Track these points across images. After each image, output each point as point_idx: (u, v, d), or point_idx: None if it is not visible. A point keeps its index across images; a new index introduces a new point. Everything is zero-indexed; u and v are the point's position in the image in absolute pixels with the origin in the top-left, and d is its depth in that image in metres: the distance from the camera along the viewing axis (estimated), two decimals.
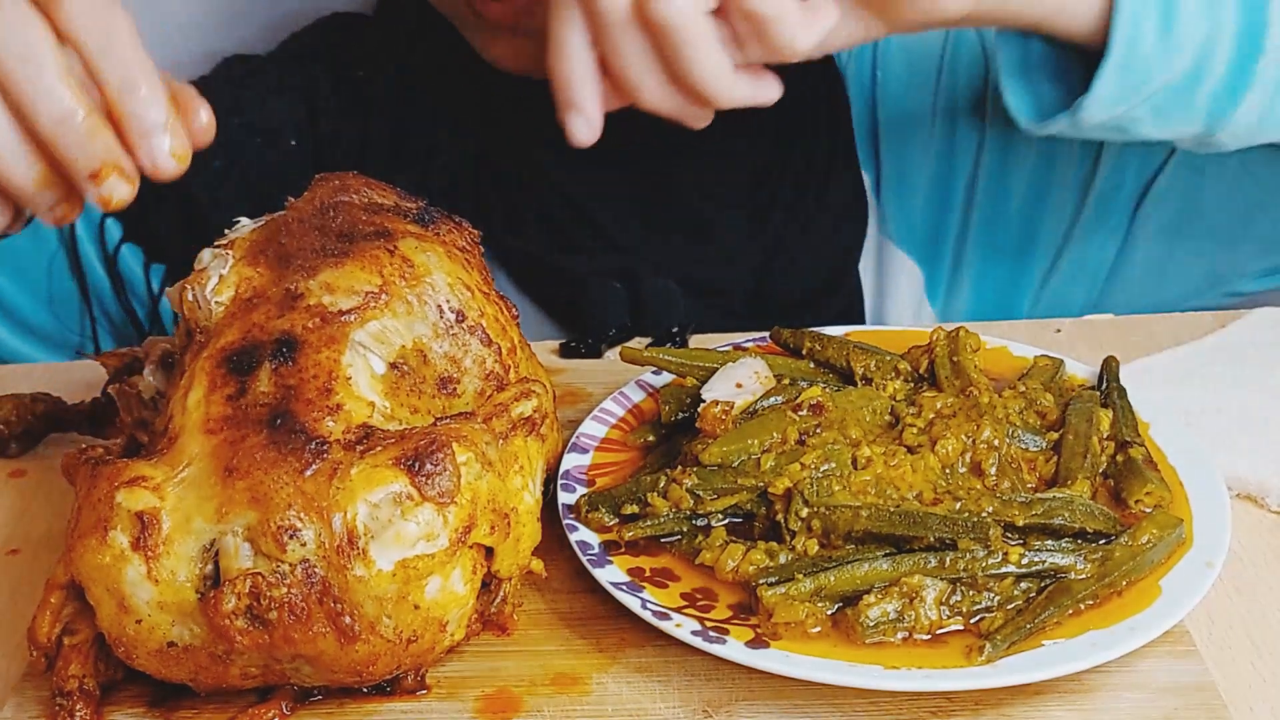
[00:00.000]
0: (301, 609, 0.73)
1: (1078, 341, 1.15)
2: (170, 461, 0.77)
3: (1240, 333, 1.13)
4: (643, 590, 0.83)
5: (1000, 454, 0.88)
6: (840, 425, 0.90)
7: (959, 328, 0.98)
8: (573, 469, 0.94)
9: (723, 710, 0.78)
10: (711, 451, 0.88)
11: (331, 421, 0.77)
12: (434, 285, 0.86)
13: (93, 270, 1.30)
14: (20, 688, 0.82)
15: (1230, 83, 1.02)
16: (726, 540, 0.85)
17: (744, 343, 1.06)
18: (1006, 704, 0.78)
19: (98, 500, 0.75)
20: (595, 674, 0.81)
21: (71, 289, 1.30)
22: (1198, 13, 0.99)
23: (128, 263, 1.30)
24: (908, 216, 1.31)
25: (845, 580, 0.81)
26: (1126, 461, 0.90)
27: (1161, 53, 0.99)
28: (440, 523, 0.75)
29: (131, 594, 0.74)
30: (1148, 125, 1.05)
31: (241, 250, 0.87)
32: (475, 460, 0.77)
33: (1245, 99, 1.03)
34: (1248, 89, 1.02)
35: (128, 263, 1.30)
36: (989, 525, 0.81)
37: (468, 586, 0.77)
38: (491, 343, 0.87)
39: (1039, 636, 0.78)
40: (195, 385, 0.79)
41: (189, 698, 0.79)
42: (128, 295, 1.31)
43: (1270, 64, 1.01)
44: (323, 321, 0.81)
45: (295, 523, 0.73)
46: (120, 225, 1.29)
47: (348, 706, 0.80)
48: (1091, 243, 1.28)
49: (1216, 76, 1.02)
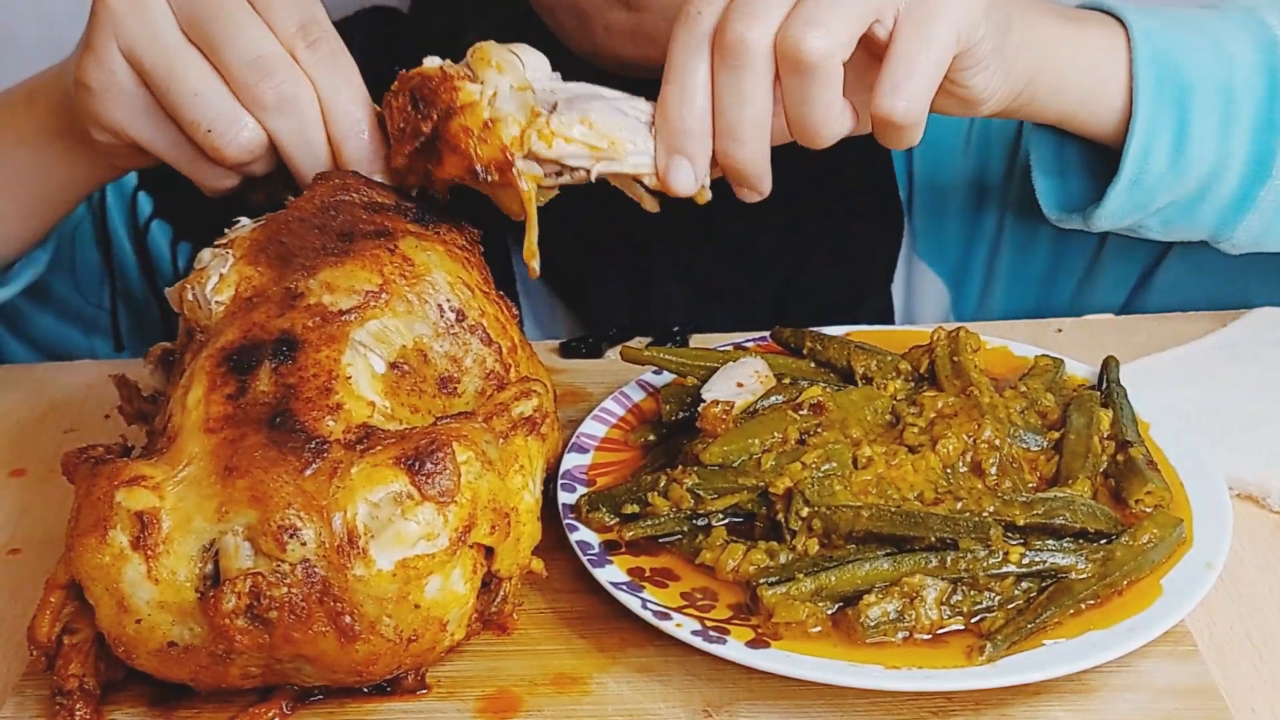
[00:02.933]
0: (301, 608, 0.73)
1: (1078, 341, 1.15)
2: (170, 461, 0.77)
3: (1240, 333, 1.13)
4: (643, 590, 0.83)
5: (1001, 454, 0.88)
6: (841, 425, 0.90)
7: (959, 327, 0.98)
8: (573, 469, 0.94)
9: (723, 710, 0.78)
10: (712, 451, 0.88)
11: (331, 421, 0.77)
12: (434, 284, 0.86)
13: (119, 243, 1.30)
14: (20, 687, 0.82)
15: (1235, 204, 1.07)
16: (727, 540, 0.85)
17: (744, 342, 1.06)
18: (1007, 704, 0.78)
19: (97, 499, 0.75)
20: (596, 674, 0.81)
21: (95, 259, 1.30)
22: (1210, 137, 1.03)
23: (155, 239, 1.31)
24: (939, 237, 1.31)
25: (846, 580, 0.81)
26: (1127, 461, 0.90)
27: (1171, 174, 1.04)
28: (440, 522, 0.75)
29: (131, 593, 0.74)
30: (1155, 232, 1.10)
31: (242, 249, 0.86)
32: (475, 460, 0.77)
33: (1247, 219, 1.07)
34: (1250, 211, 1.07)
35: (155, 239, 1.31)
36: (990, 525, 0.81)
37: (468, 586, 0.77)
38: (492, 342, 0.87)
39: (1039, 636, 0.78)
40: (195, 384, 0.79)
41: (189, 697, 0.79)
42: (154, 272, 1.31)
43: (1274, 190, 1.06)
44: (323, 321, 0.81)
45: (295, 522, 0.73)
46: (151, 200, 1.29)
47: (348, 706, 0.80)
48: (1118, 270, 1.28)
49: (1222, 198, 1.06)
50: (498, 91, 0.88)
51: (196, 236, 1.29)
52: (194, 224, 1.29)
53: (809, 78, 0.85)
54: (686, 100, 0.87)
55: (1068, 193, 1.11)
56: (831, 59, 0.85)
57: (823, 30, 0.84)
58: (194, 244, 1.30)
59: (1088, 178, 1.10)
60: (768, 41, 0.85)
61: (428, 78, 0.88)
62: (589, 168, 0.89)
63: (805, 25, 0.84)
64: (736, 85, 0.86)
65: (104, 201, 1.28)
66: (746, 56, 0.85)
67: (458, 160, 0.87)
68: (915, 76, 0.86)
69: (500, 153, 0.87)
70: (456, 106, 0.87)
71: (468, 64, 0.89)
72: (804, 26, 0.84)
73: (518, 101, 0.88)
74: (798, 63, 0.85)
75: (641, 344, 1.13)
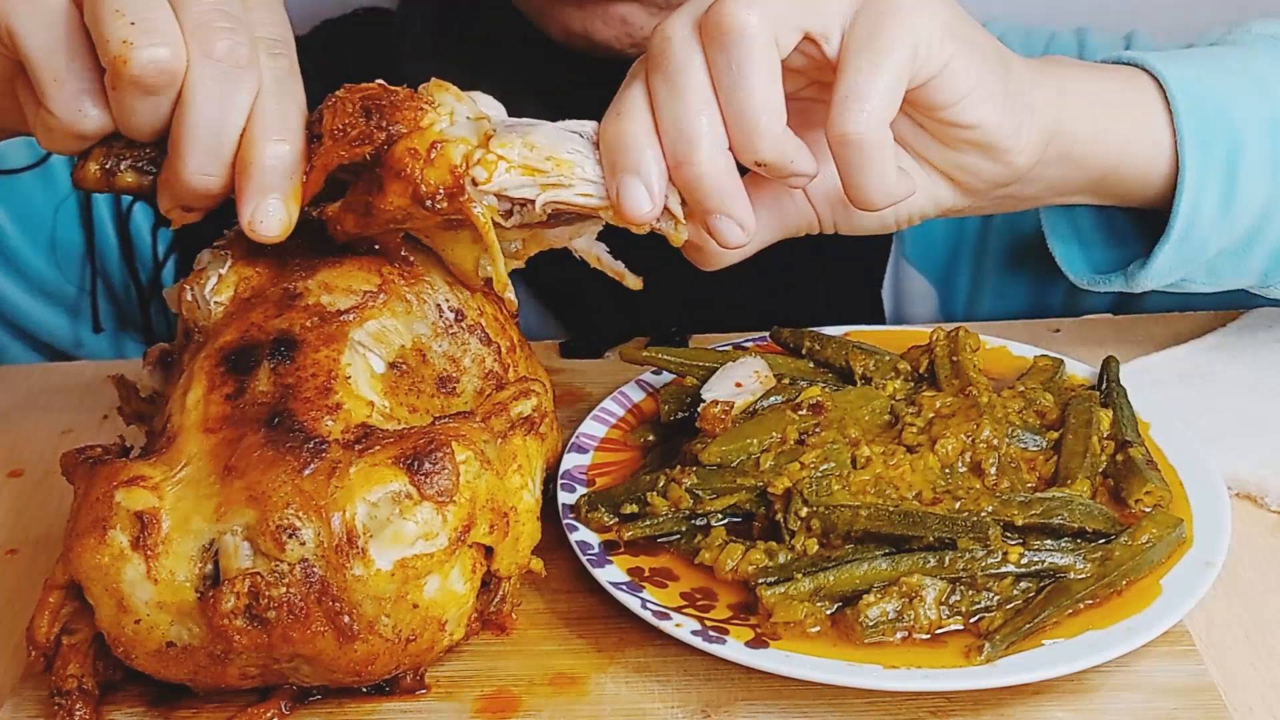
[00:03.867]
0: (300, 608, 0.73)
1: (1078, 341, 1.15)
2: (169, 461, 0.77)
3: (1240, 333, 1.13)
4: (642, 590, 0.83)
5: (1000, 453, 0.88)
6: (840, 425, 0.90)
7: (958, 327, 0.98)
8: (573, 469, 0.94)
9: (722, 710, 0.78)
10: (711, 451, 0.88)
11: (330, 421, 0.77)
12: (433, 284, 0.86)
13: (101, 224, 1.29)
14: (19, 688, 0.82)
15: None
16: (726, 540, 0.85)
17: (744, 342, 1.06)
18: (1006, 704, 0.78)
19: (96, 500, 0.75)
20: (594, 674, 0.81)
21: (76, 239, 1.28)
22: (1261, 179, 0.98)
23: (137, 223, 1.30)
24: (925, 238, 1.30)
25: (845, 580, 0.81)
26: (1126, 461, 0.90)
27: (1222, 222, 0.98)
28: (439, 522, 0.75)
29: (130, 594, 0.74)
30: (1200, 284, 1.04)
31: (240, 250, 0.86)
32: (474, 459, 0.77)
33: None
34: None
35: (137, 223, 1.30)
36: (988, 525, 0.81)
37: (467, 586, 0.77)
38: (491, 342, 0.87)
39: (1038, 636, 0.78)
40: (194, 384, 0.79)
41: (188, 698, 0.79)
42: (133, 256, 1.31)
43: None
44: (321, 321, 0.81)
45: (294, 522, 0.73)
46: None
47: (347, 706, 0.80)
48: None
49: (1271, 241, 1.01)
50: (453, 118, 0.81)
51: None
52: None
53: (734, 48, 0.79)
54: (623, 116, 0.81)
55: (1090, 260, 1.07)
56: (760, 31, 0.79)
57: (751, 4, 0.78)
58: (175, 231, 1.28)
59: (1106, 244, 1.06)
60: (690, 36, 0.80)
61: (390, 92, 0.81)
62: (534, 197, 0.80)
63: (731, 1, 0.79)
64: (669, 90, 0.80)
65: None
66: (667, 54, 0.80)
67: (401, 186, 0.79)
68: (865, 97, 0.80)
69: (449, 175, 0.79)
70: (415, 126, 0.80)
71: (425, 89, 0.83)
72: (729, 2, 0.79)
73: (471, 129, 0.81)
74: (719, 30, 0.79)
75: (641, 344, 1.13)
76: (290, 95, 0.81)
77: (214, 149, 0.79)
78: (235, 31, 0.79)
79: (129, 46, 0.76)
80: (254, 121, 0.80)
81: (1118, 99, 0.98)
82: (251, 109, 0.80)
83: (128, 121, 0.81)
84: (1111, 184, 0.99)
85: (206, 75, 0.78)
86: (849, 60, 0.81)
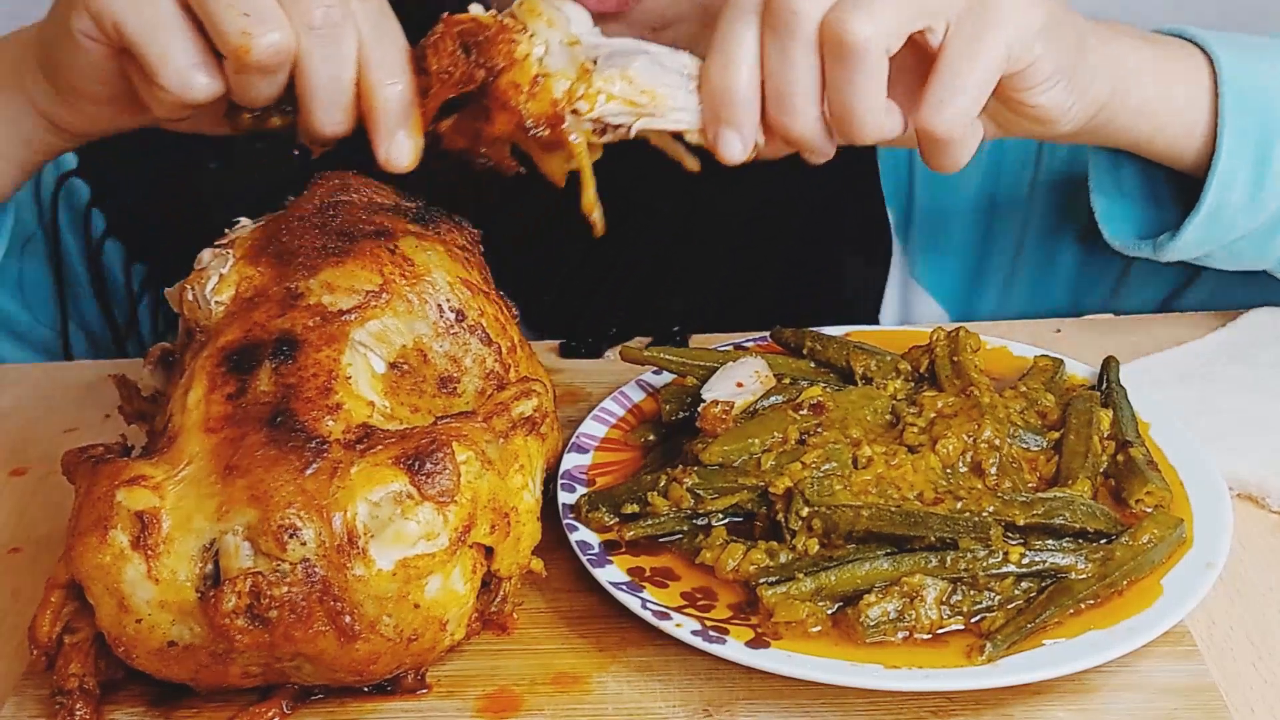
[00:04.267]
0: (302, 608, 0.73)
1: (1078, 341, 1.15)
2: (170, 460, 0.77)
3: (1240, 333, 1.13)
4: (643, 590, 0.83)
5: (1001, 454, 0.88)
6: (841, 425, 0.90)
7: (959, 327, 0.98)
8: (573, 469, 0.94)
9: (723, 710, 0.78)
10: (712, 451, 0.88)
11: (331, 420, 0.77)
12: (434, 284, 0.86)
13: (71, 261, 1.26)
14: (20, 687, 0.82)
15: None
16: (727, 540, 0.85)
17: (744, 342, 1.06)
18: (1007, 704, 0.78)
19: (98, 499, 0.75)
20: (595, 673, 0.81)
21: (44, 278, 1.26)
22: None
23: (109, 259, 1.27)
24: (939, 261, 1.29)
25: (846, 580, 0.81)
26: (1127, 461, 0.90)
27: (1249, 207, 1.04)
28: (440, 522, 0.75)
29: (131, 593, 0.74)
30: (1220, 263, 1.11)
31: (242, 249, 0.86)
32: (475, 459, 0.77)
33: None
34: None
35: (109, 259, 1.27)
36: (990, 525, 0.81)
37: (468, 585, 0.77)
38: (492, 342, 0.87)
39: (1039, 636, 0.78)
40: (195, 384, 0.79)
41: (189, 697, 0.79)
42: (107, 294, 1.28)
43: None
44: (323, 320, 0.81)
45: (295, 522, 0.73)
46: (104, 217, 1.25)
47: (348, 706, 0.80)
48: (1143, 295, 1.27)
49: None
50: (548, 46, 0.87)
51: (152, 257, 1.26)
52: (149, 243, 1.25)
53: (851, 63, 0.84)
54: (732, 67, 0.86)
55: (1127, 217, 1.11)
56: (874, 46, 0.83)
57: (870, 16, 0.83)
58: (148, 265, 1.26)
59: (1146, 203, 1.10)
60: (817, 15, 0.84)
61: (483, 25, 0.87)
62: (629, 124, 0.88)
63: (855, 8, 0.83)
64: (784, 55, 0.85)
65: (56, 220, 1.24)
66: (795, 25, 0.84)
67: (508, 116, 0.87)
68: (959, 92, 0.86)
69: (551, 107, 0.86)
70: (512, 59, 0.86)
71: (513, 15, 0.88)
72: (851, 9, 0.83)
73: (567, 56, 0.87)
74: (840, 45, 0.83)
75: (641, 344, 1.13)
76: (389, 36, 0.88)
77: (336, 102, 0.87)
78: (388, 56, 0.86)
79: (248, 37, 0.83)
80: (365, 70, 0.87)
81: (1168, 76, 1.02)
82: (359, 58, 0.87)
83: (247, 95, 0.88)
84: (1143, 148, 1.04)
85: (313, 45, 0.85)
86: (948, 59, 0.86)
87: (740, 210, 1.25)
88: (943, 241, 1.29)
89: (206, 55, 0.86)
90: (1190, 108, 1.03)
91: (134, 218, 1.24)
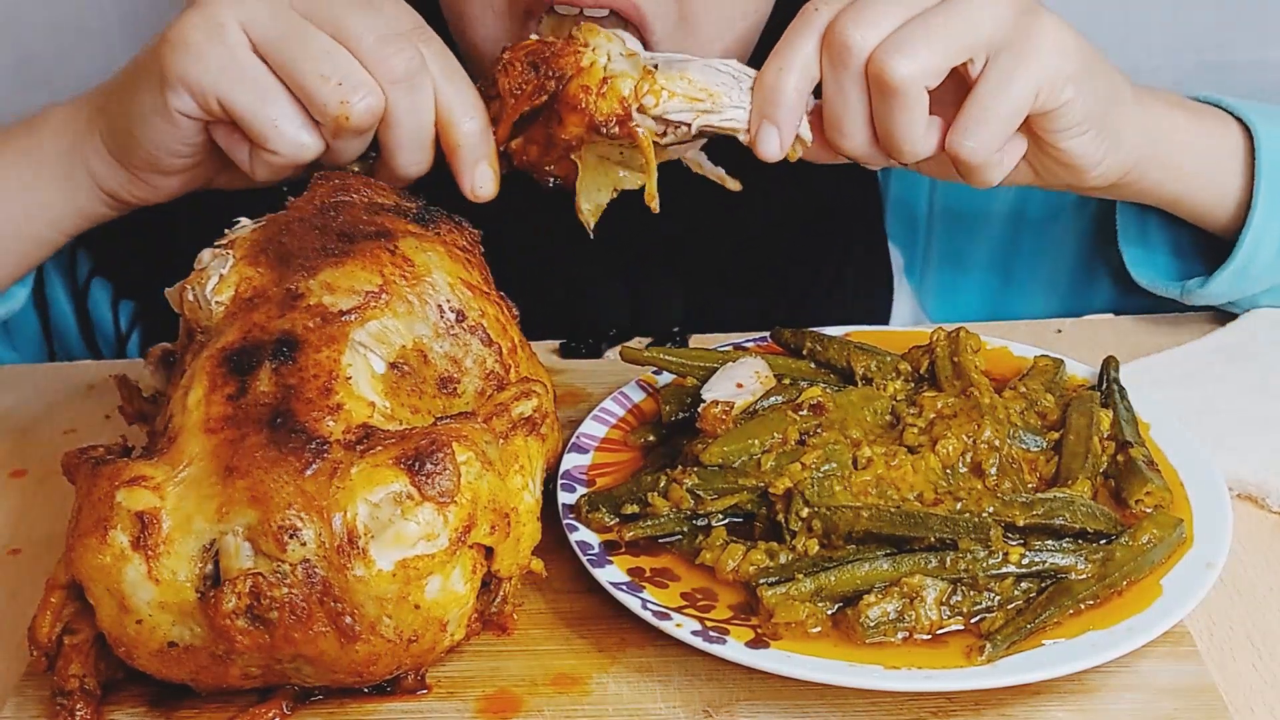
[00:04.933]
0: (302, 609, 0.73)
1: (1078, 341, 1.15)
2: (170, 461, 0.77)
3: (1240, 333, 1.13)
4: (643, 590, 0.83)
5: (1001, 454, 0.88)
6: (841, 425, 0.90)
7: (959, 328, 0.98)
8: (573, 469, 0.94)
9: (723, 710, 0.78)
10: (712, 451, 0.88)
11: (331, 421, 0.77)
12: (434, 285, 0.86)
13: (58, 304, 1.26)
14: (21, 687, 0.82)
15: None
16: (727, 540, 0.85)
17: (744, 343, 1.06)
18: (1006, 704, 0.78)
19: (98, 500, 0.75)
20: (595, 674, 0.81)
21: (30, 321, 1.26)
22: None
23: (96, 299, 1.27)
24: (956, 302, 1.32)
25: (845, 580, 0.81)
26: (1127, 461, 0.90)
27: (1276, 262, 1.09)
28: (440, 522, 0.75)
29: (132, 594, 0.74)
30: (1245, 305, 1.15)
31: (242, 250, 0.86)
32: (475, 460, 0.77)
33: None
34: None
35: (96, 299, 1.27)
36: (989, 525, 0.81)
37: (468, 586, 0.77)
38: (492, 342, 0.87)
39: (1039, 636, 0.78)
40: (195, 385, 0.79)
41: (189, 698, 0.79)
42: (94, 333, 1.27)
43: None
44: (323, 321, 0.81)
45: (295, 522, 0.73)
46: (90, 258, 1.25)
47: (348, 706, 0.80)
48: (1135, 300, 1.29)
49: None
50: (610, 55, 0.94)
51: (140, 293, 1.25)
52: (137, 280, 1.25)
53: (893, 99, 0.90)
54: (785, 73, 0.92)
55: (1154, 265, 1.15)
56: (914, 85, 0.90)
57: (911, 58, 0.89)
58: (136, 301, 1.26)
59: (1171, 255, 1.14)
60: (867, 50, 0.90)
61: (548, 44, 0.94)
62: (691, 121, 0.94)
63: (896, 51, 0.89)
64: (837, 83, 0.92)
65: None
66: (848, 57, 0.91)
67: (578, 118, 0.93)
68: (986, 123, 0.92)
69: (619, 105, 0.93)
70: (578, 68, 0.93)
71: (573, 35, 0.95)
72: (894, 52, 0.89)
73: (629, 63, 0.94)
74: (883, 84, 0.90)
75: (641, 344, 1.13)
76: (458, 73, 0.95)
77: (420, 144, 0.94)
78: (402, 48, 0.91)
79: (346, 105, 0.90)
80: (443, 111, 0.94)
81: (1204, 147, 1.07)
82: (435, 98, 0.93)
83: (344, 154, 0.94)
84: (1173, 207, 1.10)
85: (399, 96, 0.91)
86: (980, 92, 0.92)
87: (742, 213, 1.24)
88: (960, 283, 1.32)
89: (308, 117, 0.92)
90: (1223, 173, 1.07)
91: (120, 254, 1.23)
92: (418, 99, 0.92)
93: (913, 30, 0.90)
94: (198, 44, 0.90)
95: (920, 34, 0.90)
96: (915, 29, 0.90)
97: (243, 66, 0.90)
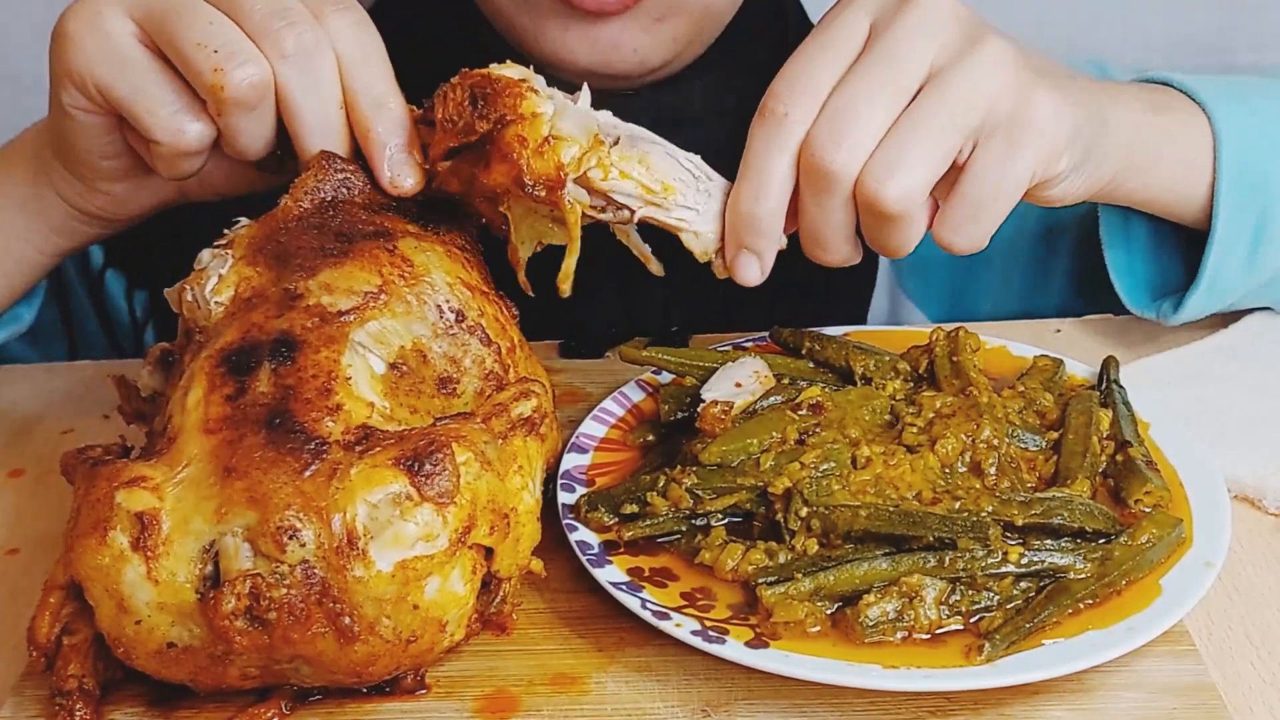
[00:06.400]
0: (301, 610, 0.73)
1: (1078, 341, 1.15)
2: (169, 462, 0.77)
3: (1240, 333, 1.13)
4: (642, 590, 0.83)
5: (1000, 453, 0.88)
6: (840, 425, 0.90)
7: (958, 327, 0.98)
8: (572, 469, 0.94)
9: (722, 710, 0.78)
10: (711, 451, 0.88)
11: (331, 422, 0.77)
12: (433, 285, 0.86)
13: (75, 296, 1.26)
14: (19, 688, 0.82)
15: None
16: (726, 540, 0.85)
17: (744, 342, 1.06)
18: (1006, 704, 0.78)
19: (97, 500, 0.75)
20: (594, 674, 0.81)
21: (52, 317, 1.25)
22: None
23: (111, 289, 1.27)
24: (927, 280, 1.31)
25: (845, 580, 0.81)
26: (1126, 461, 0.90)
27: (1245, 276, 1.08)
28: (439, 523, 0.75)
29: (131, 594, 0.74)
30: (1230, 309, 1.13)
31: (241, 250, 0.86)
32: (474, 460, 0.77)
33: None
34: None
35: (111, 289, 1.27)
36: (988, 525, 0.81)
37: (467, 587, 0.77)
38: (491, 342, 0.87)
39: (1038, 636, 0.78)
40: (194, 385, 0.79)
41: (188, 698, 0.79)
42: (111, 324, 1.27)
43: None
44: (322, 321, 0.81)
45: (294, 523, 0.73)
46: (103, 249, 1.25)
47: (347, 706, 0.80)
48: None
49: None
50: (563, 111, 0.86)
51: (152, 283, 1.25)
52: (149, 270, 1.24)
53: (887, 222, 0.86)
54: (762, 200, 0.87)
55: (1137, 270, 1.13)
56: (907, 205, 0.84)
57: (905, 176, 0.83)
58: (150, 291, 1.26)
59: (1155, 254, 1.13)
60: (852, 175, 0.85)
61: (495, 79, 0.86)
62: (635, 209, 0.88)
63: (887, 175, 0.83)
64: (820, 206, 0.86)
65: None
66: (833, 184, 0.85)
67: (506, 169, 0.85)
68: (979, 221, 0.87)
69: (555, 170, 0.85)
70: (519, 114, 0.85)
71: (527, 76, 0.87)
72: (886, 176, 0.83)
73: (581, 125, 0.86)
74: (877, 210, 0.85)
75: (641, 344, 1.13)
76: (372, 59, 0.88)
77: (325, 130, 0.87)
78: (293, 23, 0.85)
79: (221, 73, 0.83)
80: (351, 96, 0.87)
81: (1175, 147, 1.04)
82: (343, 84, 0.87)
83: (239, 138, 0.87)
84: (1147, 207, 1.07)
85: (290, 73, 0.85)
86: (973, 190, 0.86)
87: None
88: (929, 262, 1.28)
89: (192, 100, 0.86)
90: (1193, 171, 1.05)
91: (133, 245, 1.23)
92: (313, 78, 0.85)
93: (901, 141, 0.84)
94: (78, 33, 0.86)
95: (910, 143, 0.84)
96: (904, 138, 0.84)
97: (119, 50, 0.86)
